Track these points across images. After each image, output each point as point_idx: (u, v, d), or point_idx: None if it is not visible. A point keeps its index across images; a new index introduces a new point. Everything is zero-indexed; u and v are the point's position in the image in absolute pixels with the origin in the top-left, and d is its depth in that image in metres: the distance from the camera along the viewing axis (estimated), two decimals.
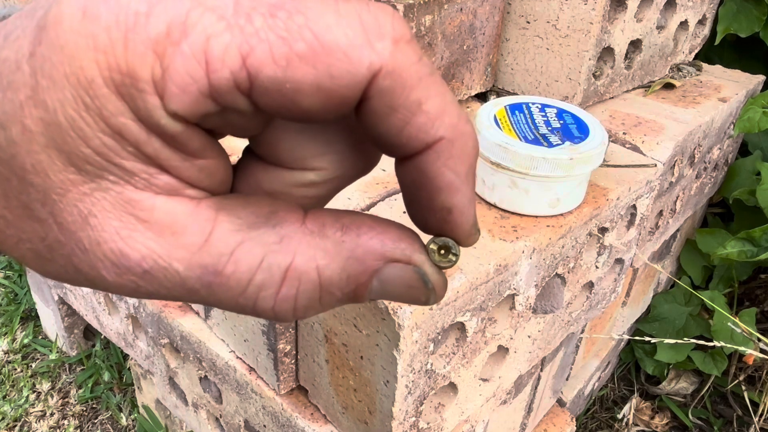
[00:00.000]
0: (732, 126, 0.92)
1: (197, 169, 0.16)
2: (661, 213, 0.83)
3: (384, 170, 0.61)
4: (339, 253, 0.17)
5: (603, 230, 0.62)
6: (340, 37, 0.15)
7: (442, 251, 0.18)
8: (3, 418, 1.05)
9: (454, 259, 0.18)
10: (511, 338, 0.57)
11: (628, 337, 0.80)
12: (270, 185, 0.18)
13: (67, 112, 0.15)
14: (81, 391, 1.11)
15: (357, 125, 0.17)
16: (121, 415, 1.06)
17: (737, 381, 1.08)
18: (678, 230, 1.02)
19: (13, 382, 1.12)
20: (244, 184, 0.19)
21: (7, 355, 1.17)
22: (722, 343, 0.78)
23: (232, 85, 0.15)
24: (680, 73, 0.90)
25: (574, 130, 0.56)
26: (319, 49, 0.14)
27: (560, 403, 0.96)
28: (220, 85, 0.15)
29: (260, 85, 0.15)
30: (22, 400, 1.08)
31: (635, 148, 0.71)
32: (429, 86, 0.16)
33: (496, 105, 0.58)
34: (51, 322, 1.16)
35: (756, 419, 1.04)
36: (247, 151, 0.19)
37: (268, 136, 0.18)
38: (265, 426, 0.67)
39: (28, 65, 0.15)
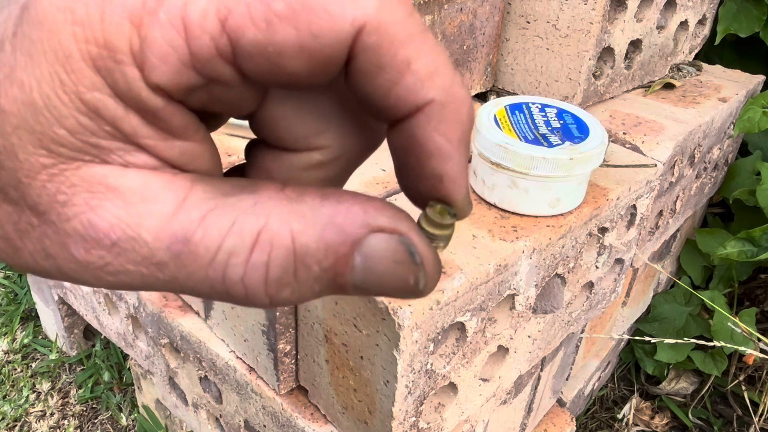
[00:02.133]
0: (732, 126, 0.92)
1: (179, 152, 0.16)
2: (661, 213, 0.83)
3: (384, 170, 0.61)
4: (316, 218, 0.15)
5: (603, 230, 0.62)
6: None
7: (436, 216, 0.16)
8: (3, 418, 1.05)
9: (448, 225, 0.16)
10: (511, 338, 0.57)
11: (628, 337, 0.80)
12: (280, 172, 0.18)
13: (42, 90, 0.14)
14: (81, 391, 1.11)
15: (352, 97, 0.16)
16: (121, 415, 1.06)
17: (737, 381, 1.08)
18: (678, 230, 1.02)
19: (13, 382, 1.12)
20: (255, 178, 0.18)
21: (7, 355, 1.17)
22: (722, 343, 0.78)
23: (214, 53, 0.14)
24: (680, 73, 0.90)
25: (574, 130, 0.56)
26: (298, 7, 0.14)
27: (560, 403, 0.96)
28: (201, 52, 0.14)
29: (242, 50, 0.14)
30: (22, 400, 1.08)
31: (635, 148, 0.71)
32: (419, 44, 0.15)
33: (496, 105, 0.58)
34: (51, 322, 1.16)
35: (756, 419, 1.04)
36: (252, 145, 0.19)
37: (266, 114, 0.17)
38: (265, 426, 0.67)
39: (9, 44, 0.14)
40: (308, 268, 0.15)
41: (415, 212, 0.17)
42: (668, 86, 0.86)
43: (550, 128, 0.56)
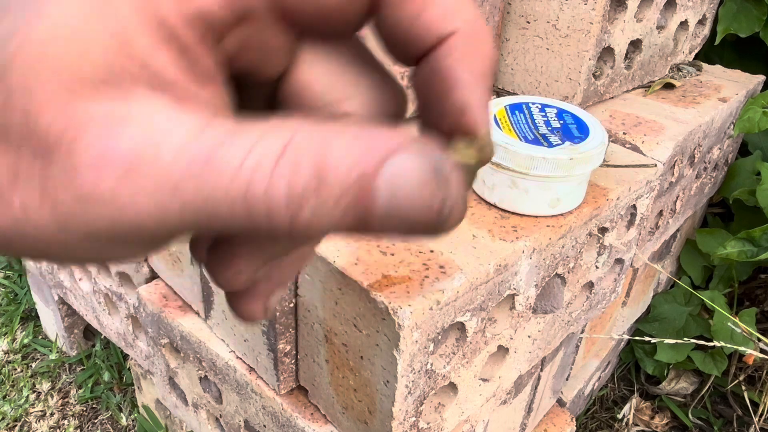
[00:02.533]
0: (732, 126, 0.92)
1: (205, 101, 0.15)
2: (661, 213, 0.83)
3: None
4: (344, 136, 0.14)
5: (603, 230, 0.62)
6: None
7: (461, 150, 0.16)
8: (3, 418, 1.05)
9: (483, 150, 0.16)
10: (511, 338, 0.57)
11: (628, 337, 0.80)
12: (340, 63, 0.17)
13: (73, 17, 0.13)
14: (81, 391, 1.11)
15: (378, 52, 0.16)
16: (121, 415, 1.06)
17: (737, 381, 1.08)
18: (678, 230, 1.02)
19: (13, 382, 1.12)
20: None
21: (7, 355, 1.17)
22: (722, 343, 0.78)
23: None
24: (680, 73, 0.90)
25: (574, 130, 0.56)
26: None
27: (560, 403, 0.96)
28: None
29: None
30: (22, 400, 1.08)
31: (635, 148, 0.71)
32: None
33: (496, 105, 0.58)
34: (51, 322, 1.15)
35: (756, 419, 1.04)
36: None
37: (296, 78, 0.17)
38: (265, 426, 0.67)
39: None
40: (332, 186, 0.14)
41: None
42: (668, 86, 0.86)
43: (550, 128, 0.56)
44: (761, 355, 0.78)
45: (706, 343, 0.80)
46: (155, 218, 0.14)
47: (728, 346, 0.82)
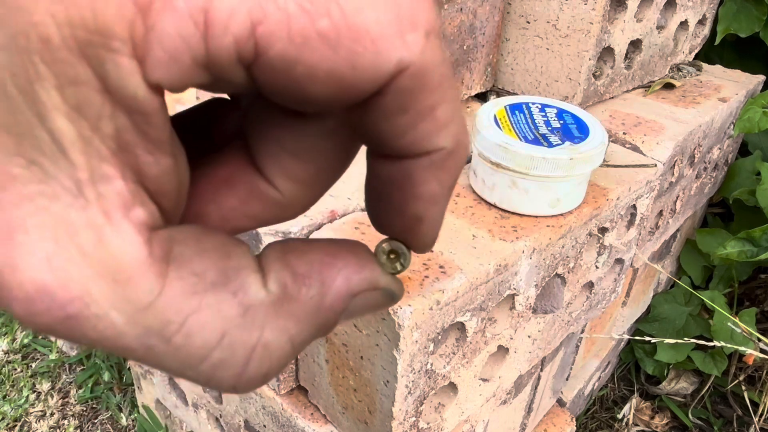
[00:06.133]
0: (732, 126, 0.92)
1: (160, 170, 0.13)
2: (661, 213, 0.83)
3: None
4: (310, 313, 0.15)
5: (603, 230, 0.62)
6: (371, 21, 0.12)
7: (392, 255, 0.17)
8: (3, 418, 1.05)
9: (402, 267, 0.17)
10: (511, 338, 0.57)
11: (628, 336, 0.80)
12: (294, 143, 0.16)
13: (18, 82, 0.11)
14: (81, 391, 1.11)
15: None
16: (121, 415, 1.06)
17: (737, 381, 1.08)
18: (678, 230, 1.02)
19: (13, 382, 1.12)
20: (266, 154, 0.16)
21: (7, 355, 1.17)
22: (722, 343, 0.78)
23: (234, 57, 0.12)
24: (680, 73, 0.90)
25: (574, 130, 0.56)
26: (345, 30, 0.12)
27: (560, 403, 0.96)
28: (221, 55, 0.12)
29: (266, 61, 0.12)
30: (22, 400, 1.08)
31: (635, 148, 0.71)
32: (446, 90, 0.14)
33: (496, 105, 0.58)
34: None
35: (756, 419, 1.04)
36: (256, 116, 0.17)
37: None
38: (265, 426, 0.67)
39: None
40: (300, 350, 0.15)
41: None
42: (668, 86, 0.86)
43: (550, 128, 0.56)
44: (761, 355, 0.78)
45: (706, 343, 0.80)
46: (95, 348, 0.14)
47: (728, 346, 0.82)
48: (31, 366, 1.15)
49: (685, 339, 0.77)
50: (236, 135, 0.17)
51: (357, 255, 0.16)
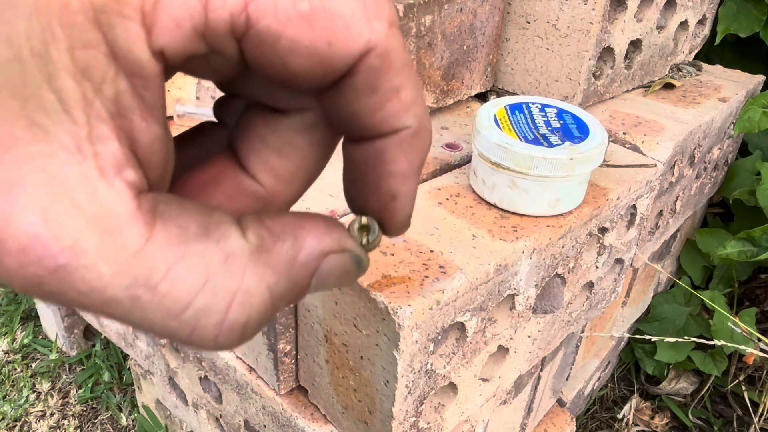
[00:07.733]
0: (732, 126, 0.92)
1: (151, 136, 0.14)
2: (661, 213, 0.83)
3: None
4: (285, 266, 0.16)
5: (603, 230, 0.62)
6: (344, 7, 0.15)
7: (363, 231, 0.18)
8: (3, 418, 1.05)
9: (368, 241, 0.18)
10: (511, 338, 0.57)
11: (628, 335, 0.79)
12: (275, 139, 0.18)
13: (33, 45, 0.12)
14: (81, 391, 1.11)
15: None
16: (121, 415, 1.06)
17: (737, 381, 1.08)
18: (678, 230, 1.02)
19: (13, 382, 1.12)
20: (250, 151, 0.18)
21: (7, 355, 1.17)
22: (722, 343, 0.78)
23: (228, 29, 0.14)
24: (680, 73, 0.90)
25: (574, 130, 0.56)
26: (322, 13, 0.14)
27: (560, 403, 0.96)
28: (218, 25, 0.14)
29: (255, 35, 0.14)
30: (22, 400, 1.08)
31: (635, 148, 0.71)
32: (408, 74, 0.16)
33: (496, 105, 0.58)
34: (51, 322, 1.15)
35: (756, 419, 1.04)
36: (240, 111, 0.19)
37: (254, 78, 0.17)
38: (265, 426, 0.67)
39: None
40: (278, 308, 0.16)
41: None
42: (668, 86, 0.86)
43: (550, 128, 0.56)
44: (761, 355, 0.78)
45: (707, 343, 0.80)
46: (81, 306, 0.14)
47: (728, 345, 0.82)
48: (31, 366, 1.15)
49: (685, 339, 0.77)
50: (222, 149, 0.19)
51: (326, 221, 0.18)
